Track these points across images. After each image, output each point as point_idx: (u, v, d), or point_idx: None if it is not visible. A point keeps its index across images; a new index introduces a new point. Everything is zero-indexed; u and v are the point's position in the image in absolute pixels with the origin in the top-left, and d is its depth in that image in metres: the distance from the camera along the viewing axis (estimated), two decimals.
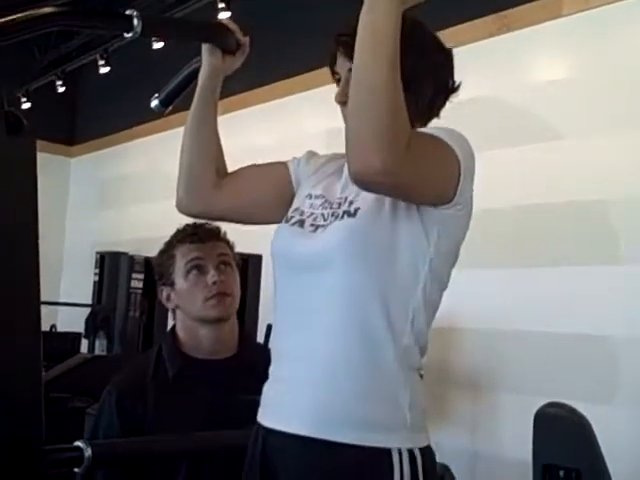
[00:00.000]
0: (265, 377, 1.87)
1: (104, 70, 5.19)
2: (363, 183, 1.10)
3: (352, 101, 1.09)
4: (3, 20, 1.02)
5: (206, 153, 1.43)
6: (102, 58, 5.14)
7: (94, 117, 6.28)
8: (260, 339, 2.00)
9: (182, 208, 1.46)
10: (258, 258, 3.62)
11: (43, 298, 1.05)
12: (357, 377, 1.18)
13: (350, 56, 1.14)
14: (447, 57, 1.32)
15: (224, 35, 1.40)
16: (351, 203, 1.23)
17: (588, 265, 2.76)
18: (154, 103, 1.50)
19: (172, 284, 1.92)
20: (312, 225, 1.27)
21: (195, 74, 1.44)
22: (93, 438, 1.81)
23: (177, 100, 1.50)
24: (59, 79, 5.60)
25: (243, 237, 1.93)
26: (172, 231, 1.97)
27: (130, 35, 1.25)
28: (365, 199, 1.21)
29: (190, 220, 1.74)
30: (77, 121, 6.56)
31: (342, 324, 1.19)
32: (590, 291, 2.73)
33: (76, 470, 1.31)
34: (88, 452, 1.29)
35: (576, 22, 2.93)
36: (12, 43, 1.07)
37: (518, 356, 2.93)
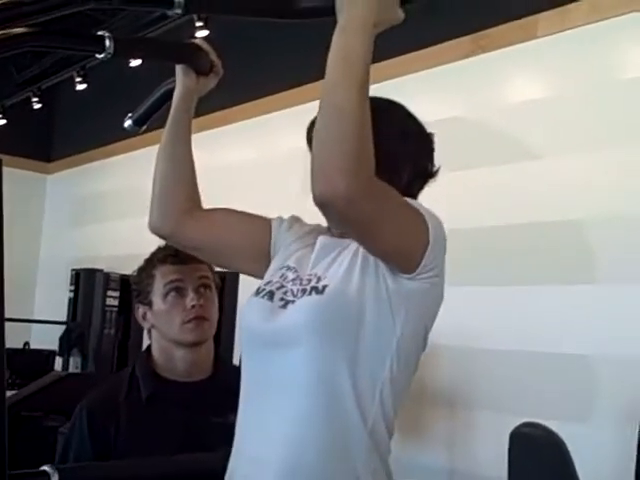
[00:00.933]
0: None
1: (81, 87, 5.17)
2: (324, 206, 1.07)
3: (319, 122, 1.07)
4: None
5: (179, 174, 1.42)
6: (79, 75, 5.11)
7: (71, 134, 6.25)
8: (236, 360, 1.99)
9: (152, 228, 1.46)
10: (235, 276, 3.61)
11: (17, 315, 1.04)
12: (324, 461, 1.17)
13: None
14: (428, 143, 1.32)
15: (197, 56, 1.41)
16: (319, 279, 1.22)
17: (566, 284, 2.78)
18: (127, 123, 1.50)
19: (150, 303, 1.89)
20: (282, 299, 1.26)
21: (169, 94, 1.44)
22: (64, 458, 1.79)
23: (150, 120, 1.51)
24: (35, 96, 5.56)
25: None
26: (149, 249, 1.94)
27: (102, 56, 1.24)
28: (333, 277, 1.21)
29: None
30: (54, 138, 6.52)
31: (308, 406, 1.18)
32: (568, 310, 2.74)
33: None
34: (55, 478, 1.26)
35: (551, 43, 2.96)
36: None
37: (495, 374, 2.93)
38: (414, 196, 1.29)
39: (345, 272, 1.21)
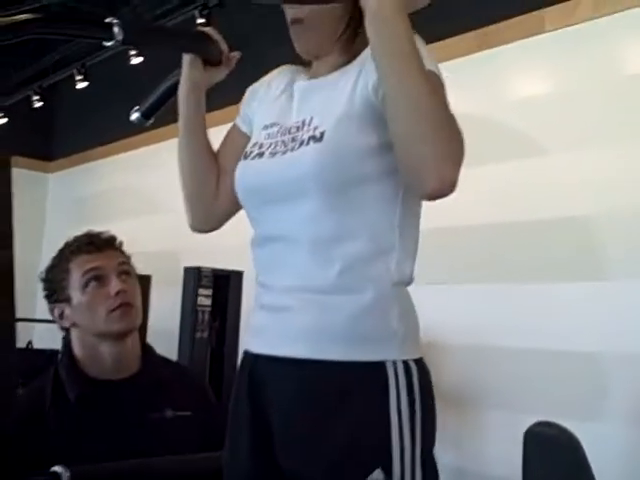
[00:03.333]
0: (172, 390, 1.81)
1: (81, 85, 5.15)
2: (436, 198, 1.08)
3: (400, 120, 1.06)
4: None
5: (204, 174, 1.39)
6: (79, 73, 5.09)
7: (72, 133, 6.22)
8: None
9: (194, 229, 1.44)
10: (239, 275, 3.59)
11: (19, 315, 1.02)
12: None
13: None
14: None
15: (207, 45, 1.37)
16: (311, 123, 1.19)
17: (575, 281, 2.76)
18: (135, 115, 1.46)
19: (67, 299, 1.79)
20: (272, 154, 1.23)
21: (177, 86, 1.41)
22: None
23: (158, 112, 1.47)
24: (36, 94, 5.54)
25: (224, 253, 1.88)
26: (149, 247, 1.90)
27: (111, 43, 1.20)
28: (330, 118, 1.17)
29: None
30: (55, 137, 6.50)
31: (326, 245, 1.16)
32: (579, 307, 2.72)
33: None
34: (66, 477, 1.24)
35: (558, 38, 2.93)
36: None
37: (504, 373, 2.91)
38: None
39: (342, 111, 1.17)
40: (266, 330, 1.23)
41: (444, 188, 1.05)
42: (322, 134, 1.15)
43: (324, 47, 1.27)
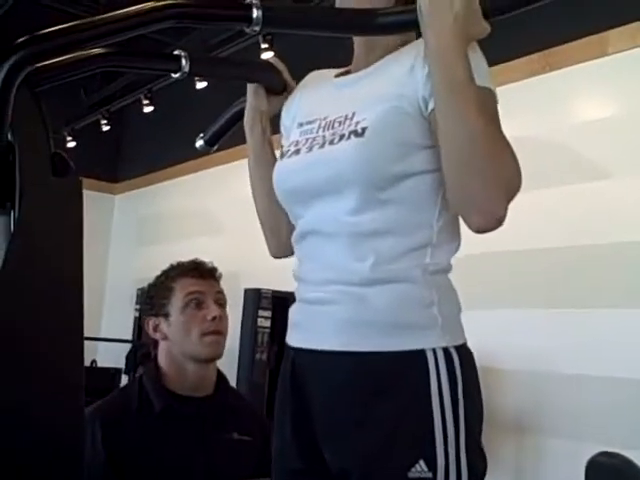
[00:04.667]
0: (238, 416, 1.88)
1: (148, 109, 5.28)
2: (483, 232, 1.09)
3: (454, 156, 1.07)
4: (52, 61, 1.04)
5: (278, 204, 1.35)
6: (146, 98, 5.23)
7: (137, 155, 6.38)
8: None
9: (278, 255, 1.45)
10: (289, 297, 3.60)
11: (85, 334, 1.05)
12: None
13: None
14: None
15: (270, 74, 1.40)
16: (353, 118, 1.18)
17: (637, 307, 2.69)
18: (199, 143, 1.50)
19: (166, 315, 1.90)
20: (308, 148, 1.22)
21: (241, 114, 1.44)
22: None
23: (222, 139, 1.51)
24: (104, 118, 5.71)
25: (284, 275, 1.89)
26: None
27: (178, 75, 1.25)
28: (372, 112, 1.16)
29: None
30: (121, 159, 6.67)
31: (363, 238, 1.15)
32: None
33: None
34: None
35: (622, 60, 2.90)
36: (59, 84, 1.08)
37: (565, 400, 2.85)
38: None
39: (384, 106, 1.16)
40: (303, 324, 1.24)
41: (489, 224, 1.06)
42: (364, 129, 1.15)
43: (378, 46, 1.26)
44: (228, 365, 3.25)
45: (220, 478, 1.82)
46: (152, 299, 1.95)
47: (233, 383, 2.37)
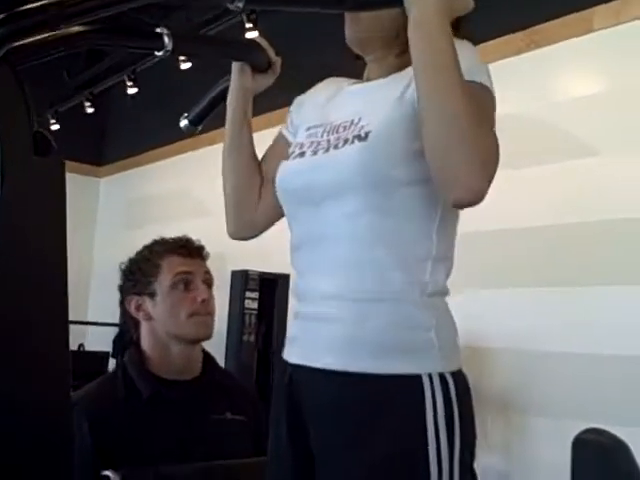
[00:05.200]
0: (230, 395, 1.88)
1: (132, 91, 5.23)
2: (463, 206, 1.09)
3: (433, 130, 1.07)
4: (34, 39, 1.02)
5: (248, 180, 1.40)
6: (130, 79, 5.18)
7: (122, 138, 6.33)
8: None
9: (236, 235, 1.44)
10: (286, 278, 3.61)
11: (71, 317, 1.04)
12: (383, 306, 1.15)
13: None
14: None
15: (255, 52, 1.39)
16: (359, 123, 1.18)
17: (625, 284, 2.71)
18: (183, 123, 1.49)
19: (151, 294, 1.84)
20: (314, 152, 1.23)
21: (225, 93, 1.43)
22: None
23: (206, 119, 1.49)
24: (87, 100, 5.65)
25: (271, 256, 1.90)
26: None
27: (161, 53, 1.24)
28: (375, 119, 1.17)
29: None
30: (105, 142, 6.62)
31: (363, 247, 1.15)
32: (628, 310, 2.66)
33: None
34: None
35: (607, 37, 2.89)
36: (41, 65, 1.06)
37: (552, 377, 2.87)
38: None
39: (388, 112, 1.17)
40: (300, 339, 1.23)
41: (470, 197, 1.05)
42: (367, 134, 1.15)
43: (372, 43, 1.28)
44: (216, 347, 3.24)
45: (220, 460, 1.77)
46: (134, 275, 1.89)
47: (222, 365, 2.36)
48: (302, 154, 1.25)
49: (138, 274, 1.88)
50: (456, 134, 1.04)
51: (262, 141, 1.46)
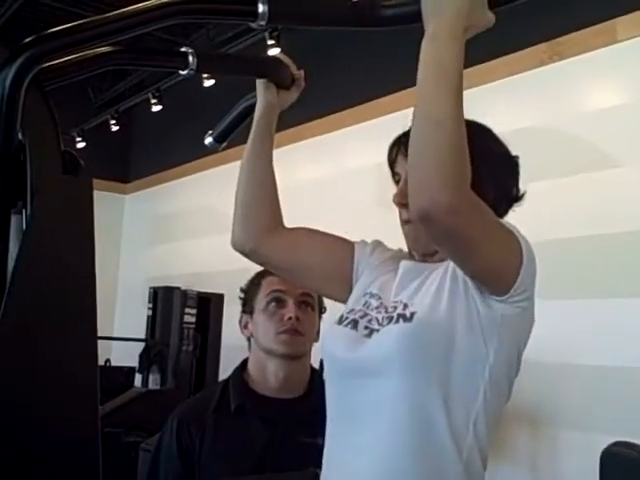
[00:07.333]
0: None
1: (156, 108, 5.29)
2: (426, 221, 1.02)
3: (415, 135, 1.04)
4: (60, 60, 1.04)
5: (262, 191, 1.41)
6: (154, 97, 5.24)
7: (147, 155, 6.39)
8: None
9: (235, 244, 1.43)
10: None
11: (98, 333, 1.05)
12: None
13: None
14: (513, 166, 1.28)
15: (278, 69, 1.40)
16: (406, 306, 1.18)
17: None
18: (208, 140, 1.50)
19: (251, 312, 1.91)
20: (366, 328, 1.22)
21: (250, 110, 1.44)
22: (155, 459, 1.84)
23: (231, 136, 1.51)
24: (113, 118, 5.72)
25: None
26: (224, 266, 1.96)
27: (186, 72, 1.25)
28: (421, 303, 1.17)
29: None
30: (131, 159, 6.69)
31: (399, 442, 1.13)
32: None
33: None
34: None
35: (630, 48, 2.88)
36: (67, 84, 1.08)
37: (581, 391, 2.84)
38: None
39: (433, 299, 1.17)
40: None
41: (435, 213, 1.00)
42: (412, 314, 1.16)
43: (431, 246, 1.26)
44: None
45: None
46: (246, 294, 1.97)
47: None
48: (355, 325, 1.24)
49: (246, 293, 1.96)
50: (438, 144, 1.01)
51: (282, 156, 1.45)
